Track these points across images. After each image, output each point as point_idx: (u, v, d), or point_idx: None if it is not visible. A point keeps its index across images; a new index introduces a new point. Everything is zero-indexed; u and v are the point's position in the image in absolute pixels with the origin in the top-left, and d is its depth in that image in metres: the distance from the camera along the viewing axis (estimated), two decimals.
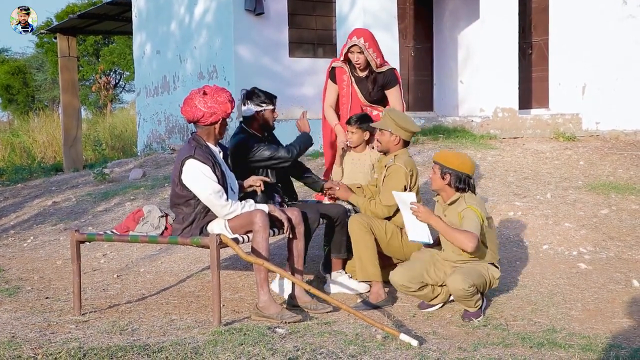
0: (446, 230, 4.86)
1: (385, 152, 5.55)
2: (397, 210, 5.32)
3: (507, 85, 10.86)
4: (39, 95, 36.02)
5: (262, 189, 5.35)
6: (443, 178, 5.00)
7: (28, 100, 36.65)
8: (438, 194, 5.16)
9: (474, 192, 5.04)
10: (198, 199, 4.96)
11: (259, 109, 5.62)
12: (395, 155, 5.47)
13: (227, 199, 4.97)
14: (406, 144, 5.54)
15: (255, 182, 5.34)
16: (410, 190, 5.37)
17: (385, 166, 5.49)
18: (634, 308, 5.16)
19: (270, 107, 5.65)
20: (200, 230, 5.02)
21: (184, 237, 4.99)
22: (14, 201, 10.59)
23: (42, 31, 19.26)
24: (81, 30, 17.12)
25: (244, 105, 5.65)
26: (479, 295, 4.92)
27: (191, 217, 5.02)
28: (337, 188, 5.69)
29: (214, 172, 4.92)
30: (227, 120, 5.12)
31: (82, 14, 15.95)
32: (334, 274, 5.70)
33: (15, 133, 21.33)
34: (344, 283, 5.65)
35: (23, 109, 34.44)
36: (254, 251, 4.92)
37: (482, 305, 4.99)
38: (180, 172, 4.96)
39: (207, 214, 5.02)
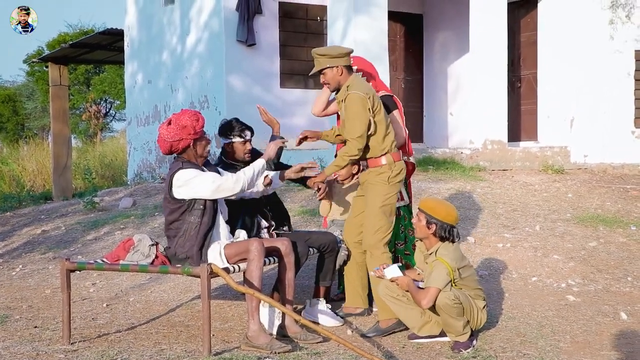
0: (414, 295, 4.97)
1: (338, 90, 5.37)
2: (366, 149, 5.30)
3: (496, 117, 10.97)
4: (28, 124, 35.98)
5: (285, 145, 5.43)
6: (428, 227, 5.06)
7: (18, 129, 36.58)
8: (420, 240, 5.23)
9: (453, 241, 5.08)
10: (192, 209, 4.96)
11: (226, 140, 5.57)
12: (347, 86, 5.29)
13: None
14: (350, 69, 5.36)
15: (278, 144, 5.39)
16: (374, 115, 5.21)
17: (342, 100, 5.29)
18: (621, 341, 5.18)
19: (238, 139, 5.53)
20: (200, 247, 5.00)
21: (174, 267, 4.99)
22: (3, 229, 10.55)
23: (33, 60, 19.27)
24: (73, 59, 17.18)
25: (220, 136, 5.60)
26: (467, 321, 4.94)
27: (189, 231, 5.00)
28: (315, 175, 5.54)
29: None
30: (205, 137, 5.10)
31: (74, 44, 16.01)
32: (313, 300, 5.70)
33: (4, 161, 21.23)
34: (323, 311, 5.61)
35: (12, 137, 34.35)
36: (246, 279, 4.93)
37: (471, 337, 5.00)
38: (171, 185, 4.99)
39: (204, 235, 5.01)
